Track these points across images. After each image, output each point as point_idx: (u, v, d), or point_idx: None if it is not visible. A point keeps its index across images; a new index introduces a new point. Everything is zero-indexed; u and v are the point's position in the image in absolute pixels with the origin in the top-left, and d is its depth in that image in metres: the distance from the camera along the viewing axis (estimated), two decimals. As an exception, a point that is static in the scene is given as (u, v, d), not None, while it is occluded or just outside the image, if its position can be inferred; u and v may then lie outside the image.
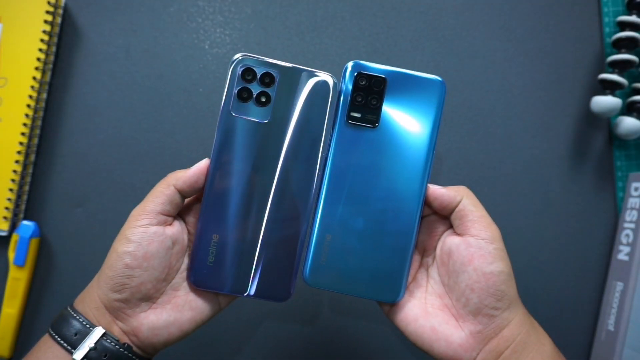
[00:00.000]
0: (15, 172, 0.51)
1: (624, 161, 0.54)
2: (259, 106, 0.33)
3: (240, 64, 0.33)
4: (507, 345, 0.31)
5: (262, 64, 0.33)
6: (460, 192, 0.34)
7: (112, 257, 0.32)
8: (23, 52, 0.51)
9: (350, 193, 0.34)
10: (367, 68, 0.34)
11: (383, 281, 0.34)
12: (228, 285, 0.34)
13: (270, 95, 0.33)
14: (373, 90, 0.34)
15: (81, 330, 0.32)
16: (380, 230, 0.34)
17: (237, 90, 0.33)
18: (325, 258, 0.34)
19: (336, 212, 0.34)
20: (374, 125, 0.34)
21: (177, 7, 0.54)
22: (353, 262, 0.34)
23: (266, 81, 0.33)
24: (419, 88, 0.34)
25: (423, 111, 0.34)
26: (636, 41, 0.50)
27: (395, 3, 0.54)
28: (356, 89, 0.34)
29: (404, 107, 0.34)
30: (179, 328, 0.34)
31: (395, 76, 0.34)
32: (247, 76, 0.33)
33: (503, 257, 0.32)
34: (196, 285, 0.34)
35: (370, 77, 0.34)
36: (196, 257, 0.34)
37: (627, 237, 0.51)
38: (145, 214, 0.33)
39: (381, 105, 0.34)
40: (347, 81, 0.34)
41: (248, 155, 0.33)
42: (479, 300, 0.32)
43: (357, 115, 0.34)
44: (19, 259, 0.50)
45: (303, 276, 0.34)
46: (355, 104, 0.34)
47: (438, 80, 0.34)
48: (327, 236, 0.34)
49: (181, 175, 0.33)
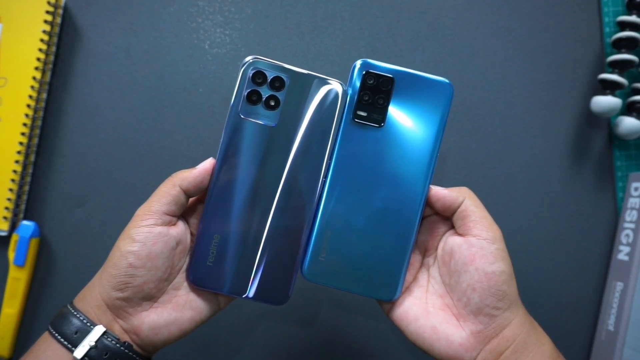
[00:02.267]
0: (15, 172, 0.51)
1: (624, 161, 0.54)
2: (267, 110, 0.33)
3: (252, 67, 0.33)
4: (508, 345, 0.31)
5: (274, 67, 0.33)
6: (462, 193, 0.34)
7: (116, 256, 0.32)
8: (23, 52, 0.51)
9: (353, 191, 0.34)
10: (375, 67, 0.34)
11: (380, 279, 0.34)
12: (227, 286, 0.34)
13: (279, 99, 0.33)
14: (380, 89, 0.34)
15: (82, 328, 0.32)
16: (380, 228, 0.34)
17: (247, 92, 0.33)
18: (325, 254, 0.34)
19: (338, 208, 0.34)
20: (379, 125, 0.34)
21: (177, 7, 0.54)
22: (352, 259, 0.34)
23: (276, 85, 0.33)
24: (427, 89, 0.34)
25: (429, 113, 0.34)
26: (636, 41, 0.50)
27: (395, 3, 0.54)
28: (364, 87, 0.34)
29: (410, 108, 0.34)
30: (179, 327, 0.34)
31: (404, 76, 0.34)
32: (258, 79, 0.33)
33: (504, 257, 0.32)
34: (195, 284, 0.34)
35: (379, 77, 0.34)
36: (196, 256, 0.34)
37: (627, 237, 0.51)
38: (150, 214, 0.33)
39: (388, 105, 0.34)
40: (354, 79, 0.34)
41: (254, 158, 0.33)
42: (480, 300, 0.32)
43: (364, 114, 0.34)
44: (19, 259, 0.50)
45: (301, 271, 0.34)
46: (362, 103, 0.34)
47: (446, 83, 0.34)
48: (328, 232, 0.34)
49: (186, 175, 0.33)
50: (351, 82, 0.34)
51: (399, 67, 0.34)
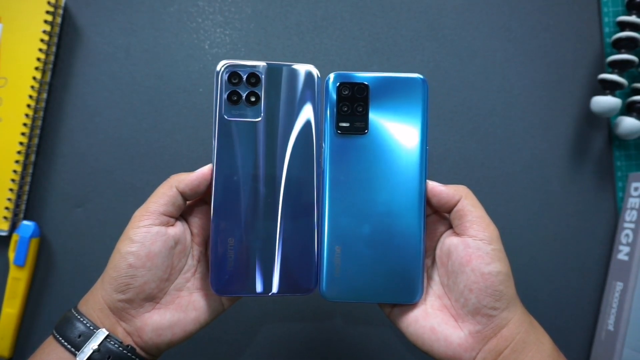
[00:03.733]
0: (15, 172, 0.51)
1: (624, 161, 0.54)
2: (249, 106, 0.34)
3: (225, 70, 0.34)
4: (507, 345, 0.31)
5: (246, 66, 0.34)
6: (459, 191, 0.34)
7: (116, 258, 0.32)
8: (23, 52, 0.51)
9: (353, 202, 0.34)
10: (347, 77, 0.35)
11: (400, 283, 0.34)
12: (251, 287, 0.34)
13: (258, 94, 0.34)
14: (357, 98, 0.35)
15: (85, 332, 0.32)
16: (388, 233, 0.34)
17: (227, 94, 0.34)
18: (339, 270, 0.34)
19: (342, 223, 0.34)
20: (363, 132, 0.34)
21: (177, 7, 0.54)
22: (367, 269, 0.34)
23: (252, 81, 0.34)
24: (402, 88, 0.35)
25: (409, 110, 0.34)
26: (636, 41, 0.50)
27: (395, 3, 0.54)
28: (340, 99, 0.35)
29: (390, 109, 0.35)
30: (183, 328, 0.34)
31: (377, 81, 0.35)
32: (234, 80, 0.34)
33: (501, 257, 0.32)
34: (220, 293, 0.34)
35: (353, 86, 0.35)
36: (215, 264, 0.34)
37: (627, 237, 0.51)
38: (148, 214, 0.33)
39: (367, 111, 0.34)
40: (330, 93, 0.35)
41: (248, 155, 0.34)
42: (477, 301, 0.32)
43: (346, 125, 0.34)
44: (19, 259, 0.50)
45: (320, 292, 0.34)
46: (342, 114, 0.34)
47: (419, 78, 0.35)
48: (337, 248, 0.34)
49: (184, 177, 0.34)
50: (327, 97, 0.35)
51: (371, 73, 0.35)
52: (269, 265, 0.34)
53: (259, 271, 0.34)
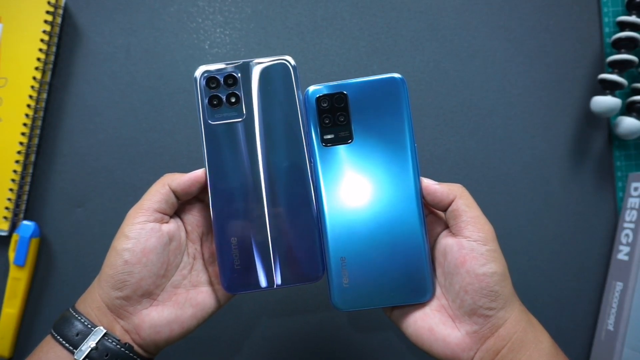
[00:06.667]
0: (15, 172, 0.51)
1: (623, 161, 0.54)
2: (231, 107, 0.35)
3: (202, 76, 0.35)
4: (504, 344, 0.31)
5: (221, 69, 0.35)
6: (454, 190, 0.34)
7: (112, 255, 0.33)
8: (23, 52, 0.51)
9: (351, 210, 0.34)
10: (323, 89, 0.35)
11: (408, 284, 0.34)
12: (259, 282, 0.35)
13: (237, 94, 0.35)
14: (337, 108, 0.35)
15: (83, 330, 0.32)
16: (390, 236, 0.34)
17: (208, 98, 0.35)
18: (347, 280, 0.34)
19: (343, 232, 0.34)
20: (349, 141, 0.34)
21: (177, 7, 0.54)
22: (374, 275, 0.34)
23: (230, 83, 0.35)
24: (381, 90, 0.35)
25: (391, 111, 0.34)
26: (636, 41, 0.49)
27: (395, 3, 0.54)
28: (321, 112, 0.35)
29: (372, 113, 0.35)
30: (181, 325, 0.34)
31: (355, 87, 0.35)
32: (212, 84, 0.35)
33: (496, 257, 0.32)
34: (231, 291, 0.35)
35: (331, 97, 0.35)
36: (223, 264, 0.34)
37: (627, 237, 0.51)
38: (142, 211, 0.33)
39: (349, 120, 0.35)
40: (309, 108, 0.35)
41: (237, 154, 0.35)
42: (472, 302, 0.32)
43: (331, 137, 0.35)
44: (19, 259, 0.50)
45: (332, 304, 0.34)
46: (324, 127, 0.35)
47: (397, 78, 0.34)
48: (342, 259, 0.34)
49: (176, 177, 0.35)
50: (309, 112, 0.35)
51: (346, 80, 0.35)
52: (270, 259, 0.34)
53: (262, 265, 0.34)
